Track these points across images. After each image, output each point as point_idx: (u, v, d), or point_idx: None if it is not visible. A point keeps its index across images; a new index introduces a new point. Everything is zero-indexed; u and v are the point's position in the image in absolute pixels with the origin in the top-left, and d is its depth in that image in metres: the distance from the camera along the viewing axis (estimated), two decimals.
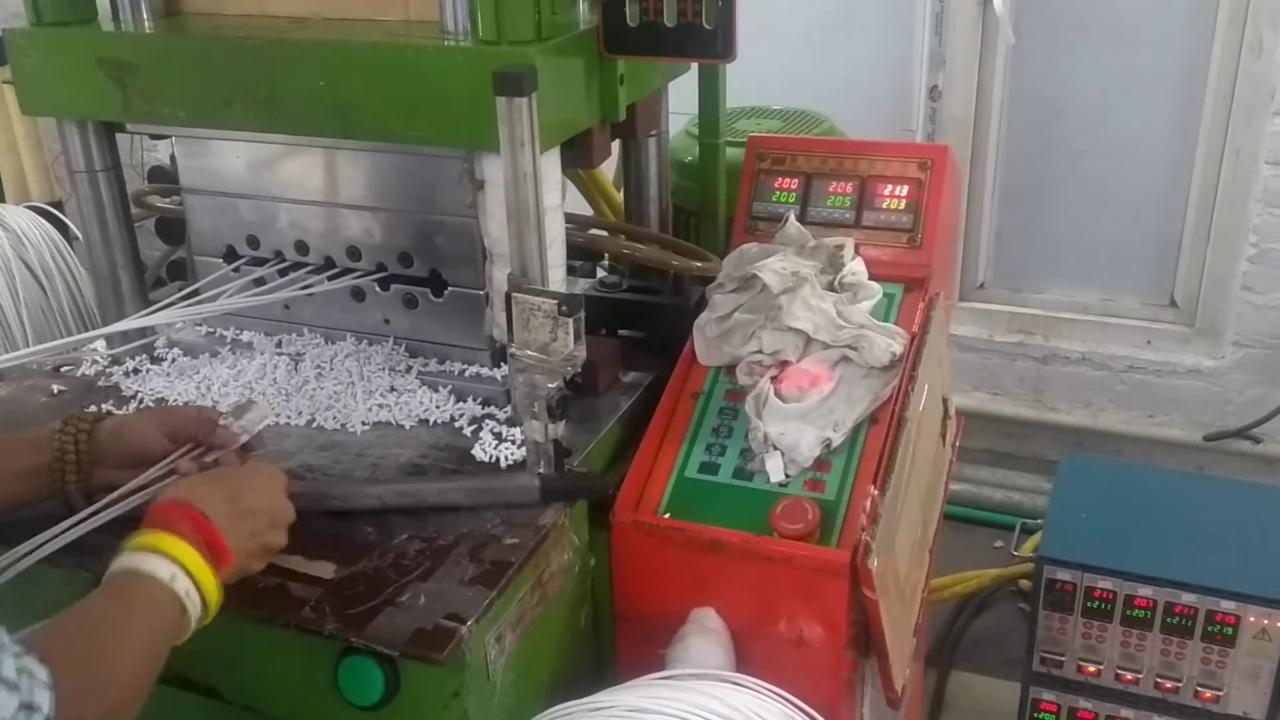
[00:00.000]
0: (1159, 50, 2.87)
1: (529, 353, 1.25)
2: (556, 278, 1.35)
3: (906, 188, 1.56)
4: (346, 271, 1.53)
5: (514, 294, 1.24)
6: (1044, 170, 3.06)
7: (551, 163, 1.33)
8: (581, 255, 1.64)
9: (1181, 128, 2.89)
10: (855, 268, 1.51)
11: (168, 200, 1.78)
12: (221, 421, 1.24)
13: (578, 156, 1.42)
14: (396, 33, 1.38)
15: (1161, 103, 2.90)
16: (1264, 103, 2.68)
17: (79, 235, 1.69)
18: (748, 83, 1.73)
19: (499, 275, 1.39)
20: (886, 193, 1.57)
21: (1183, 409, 2.95)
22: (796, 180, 1.61)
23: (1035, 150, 3.05)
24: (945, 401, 1.57)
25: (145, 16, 1.48)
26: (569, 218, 1.48)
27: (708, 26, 1.31)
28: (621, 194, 1.77)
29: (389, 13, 1.41)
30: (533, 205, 1.22)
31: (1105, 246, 3.04)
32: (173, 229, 1.92)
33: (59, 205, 1.94)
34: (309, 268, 1.55)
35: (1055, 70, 2.97)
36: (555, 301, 1.21)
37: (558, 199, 1.35)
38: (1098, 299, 3.09)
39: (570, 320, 1.22)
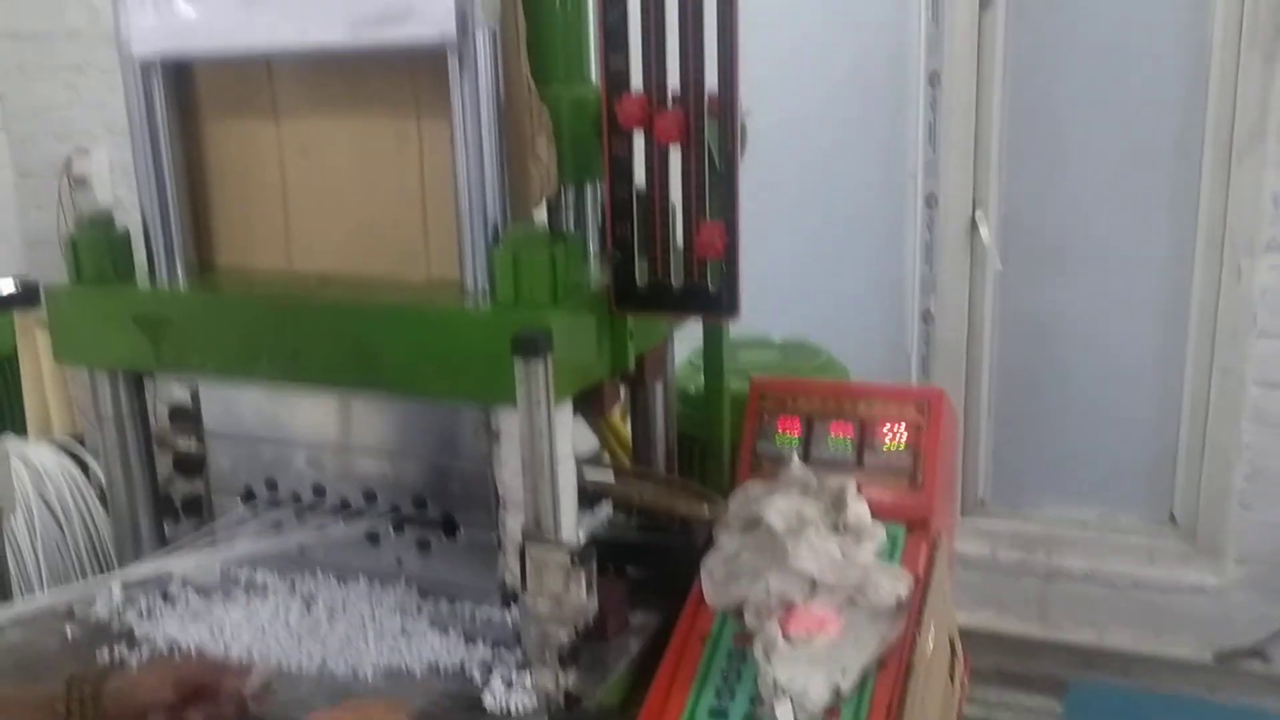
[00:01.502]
0: (1142, 275, 2.99)
1: (542, 602, 1.28)
2: (569, 524, 1.38)
3: (905, 430, 1.61)
4: (362, 514, 1.57)
5: (528, 545, 1.28)
6: (1038, 389, 3.13)
7: (565, 414, 1.38)
8: (591, 499, 1.68)
9: (1169, 349, 2.99)
10: (859, 509, 1.55)
11: (188, 440, 1.83)
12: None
13: (589, 406, 1.48)
14: (418, 292, 1.46)
15: (1148, 325, 3.00)
16: (1247, 325, 2.78)
17: (100, 475, 1.74)
18: (749, 311, 1.81)
19: (512, 522, 1.43)
20: (886, 434, 1.62)
21: (1190, 627, 2.94)
22: (798, 421, 1.67)
23: (1028, 369, 3.13)
24: (952, 641, 1.59)
25: (180, 273, 1.56)
26: (579, 461, 1.52)
27: (712, 289, 1.39)
28: (628, 426, 1.83)
29: (412, 272, 1.49)
30: (547, 459, 1.27)
31: (1102, 463, 3.09)
32: (190, 464, 1.96)
33: (80, 439, 1.99)
34: (326, 510, 1.59)
35: (1043, 294, 3.08)
36: (568, 555, 1.24)
37: (570, 449, 1.40)
38: (1098, 515, 3.12)
39: (583, 571, 1.25)
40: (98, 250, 1.55)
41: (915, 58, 3.04)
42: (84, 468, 1.93)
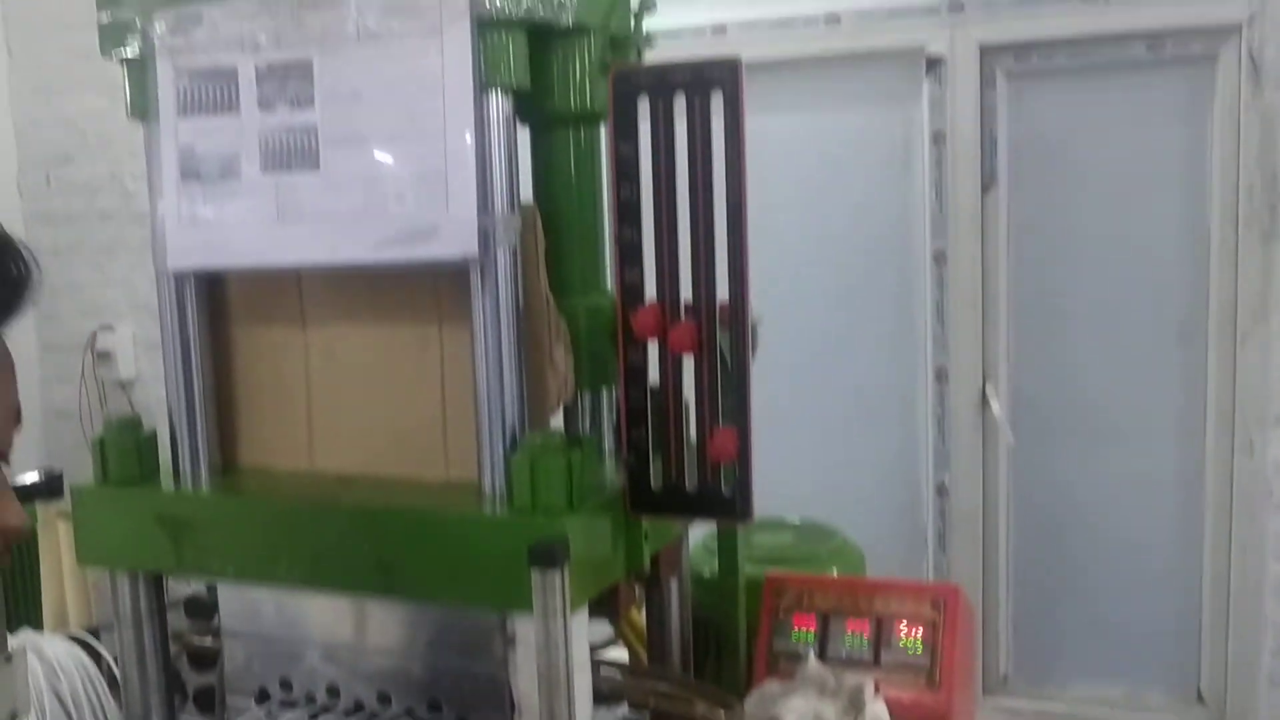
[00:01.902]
0: (1155, 449, 3.00)
1: None
2: None
3: (921, 628, 1.61)
4: (376, 716, 1.56)
5: None
6: (1057, 562, 3.11)
7: (581, 621, 1.39)
8: (608, 699, 1.67)
9: (1186, 525, 2.98)
10: (877, 710, 1.53)
11: (204, 636, 1.83)
12: None
13: (606, 609, 1.49)
14: (436, 495, 1.48)
15: (1163, 500, 3.00)
16: (1263, 500, 2.78)
17: (112, 665, 1.74)
18: (762, 487, 1.83)
19: None
20: (903, 632, 1.62)
21: None
22: (814, 618, 1.67)
23: (1046, 542, 3.12)
24: None
25: (204, 474, 1.59)
26: (594, 653, 1.52)
27: (726, 493, 1.42)
28: (643, 617, 1.82)
29: (431, 473, 1.52)
30: (563, 668, 1.27)
31: (1126, 639, 3.05)
32: (205, 658, 1.95)
33: (95, 632, 1.99)
34: (340, 711, 1.58)
35: (1058, 467, 3.09)
36: None
37: (587, 657, 1.40)
38: (1124, 693, 3.06)
39: None
40: (125, 452, 1.58)
41: (921, 237, 3.12)
42: (97, 658, 1.92)
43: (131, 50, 1.47)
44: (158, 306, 1.57)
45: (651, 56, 1.58)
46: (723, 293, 1.39)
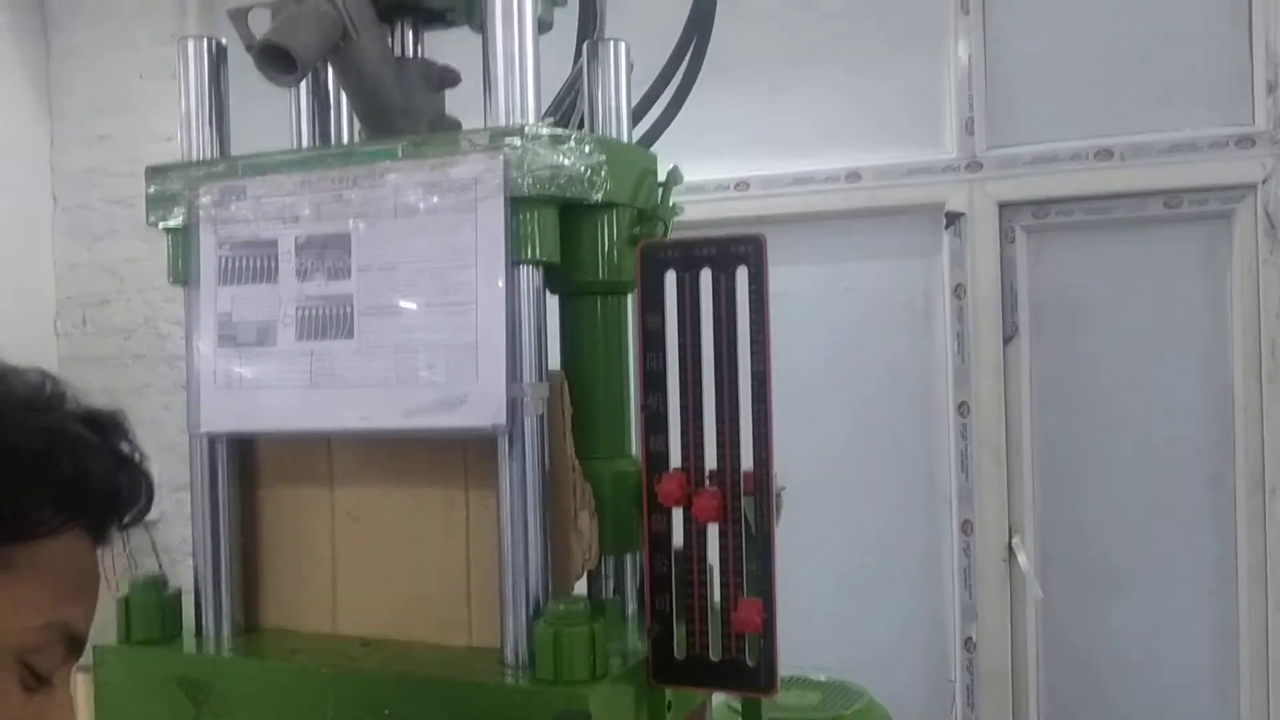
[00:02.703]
0: (1186, 604, 2.96)
1: None
2: None
3: None
4: None
5: None
6: (1086, 717, 3.04)
7: None
8: None
9: (1221, 679, 2.92)
10: None
11: None
12: None
13: None
14: (458, 662, 1.47)
15: (1197, 654, 2.96)
16: None
17: None
18: (787, 643, 1.80)
19: None
20: None
21: None
22: None
23: (1078, 699, 3.06)
24: None
25: (227, 634, 1.59)
26: None
27: (750, 664, 1.40)
28: None
29: (454, 638, 1.51)
30: None
31: None
32: None
33: None
34: None
35: (1087, 621, 3.05)
36: None
37: None
38: None
39: None
40: (149, 612, 1.58)
41: (944, 388, 3.14)
42: None
43: (176, 220, 1.52)
44: (189, 467, 1.59)
45: (678, 217, 1.62)
46: (747, 461, 1.40)
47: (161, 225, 1.55)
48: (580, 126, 1.68)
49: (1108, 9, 3.04)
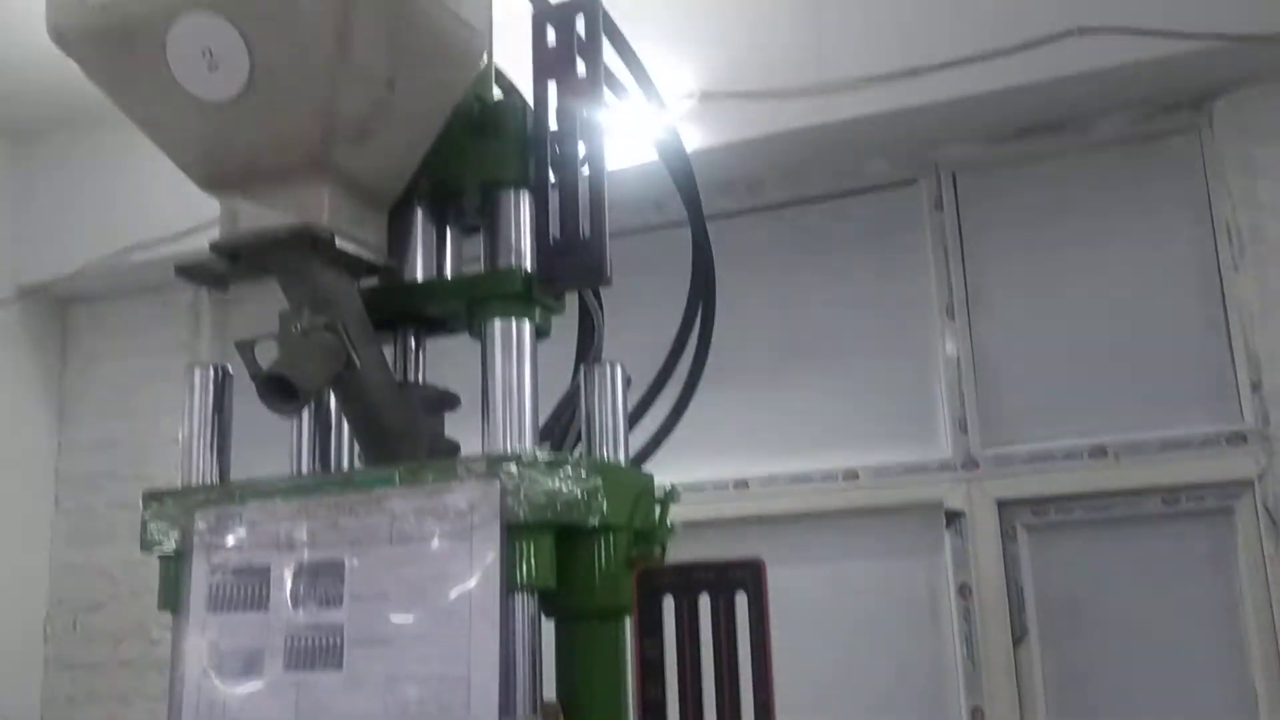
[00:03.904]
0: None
1: None
2: None
3: None
4: None
5: None
6: None
7: None
8: None
9: None
10: None
11: None
12: None
13: None
14: None
15: None
16: None
17: None
18: None
19: None
20: None
21: None
22: None
23: None
24: None
25: None
26: None
27: None
28: None
29: None
30: None
31: None
32: None
33: None
34: None
35: None
36: None
37: None
38: None
39: None
40: None
41: (955, 692, 3.03)
42: None
43: (170, 546, 1.51)
44: None
45: (676, 512, 1.60)
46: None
47: (157, 553, 1.54)
48: (577, 442, 1.70)
49: (1085, 313, 3.15)
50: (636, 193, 2.85)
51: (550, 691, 1.46)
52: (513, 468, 1.37)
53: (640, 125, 1.81)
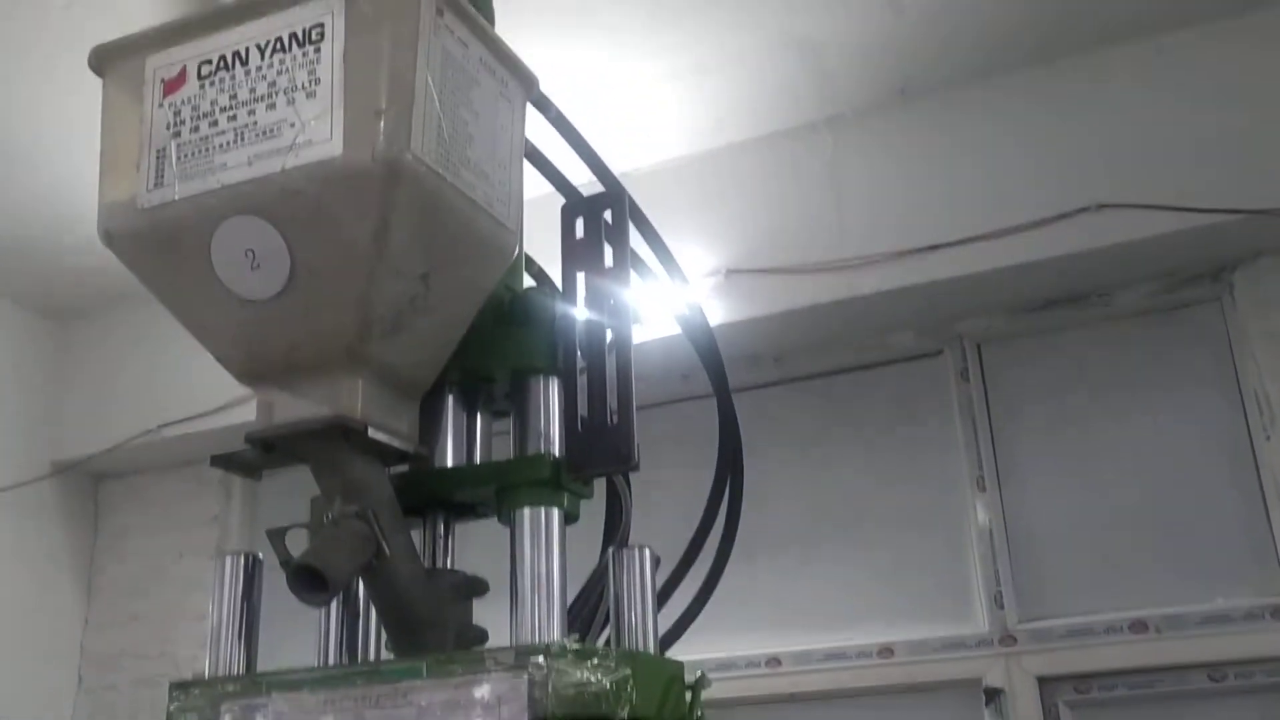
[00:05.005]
0: None
1: None
2: None
3: None
4: None
5: None
6: None
7: None
8: None
9: None
10: None
11: None
12: None
13: None
14: None
15: None
16: None
17: None
18: None
19: None
20: None
21: None
22: None
23: None
24: None
25: None
26: None
27: None
28: None
29: None
30: None
31: None
32: None
33: None
34: None
35: None
36: None
37: None
38: None
39: None
40: None
41: None
42: None
43: None
44: None
45: (707, 692, 1.56)
46: None
47: None
48: (605, 623, 1.68)
49: (1117, 483, 3.13)
50: (662, 366, 2.89)
51: None
52: (540, 659, 1.35)
53: (665, 302, 1.85)
